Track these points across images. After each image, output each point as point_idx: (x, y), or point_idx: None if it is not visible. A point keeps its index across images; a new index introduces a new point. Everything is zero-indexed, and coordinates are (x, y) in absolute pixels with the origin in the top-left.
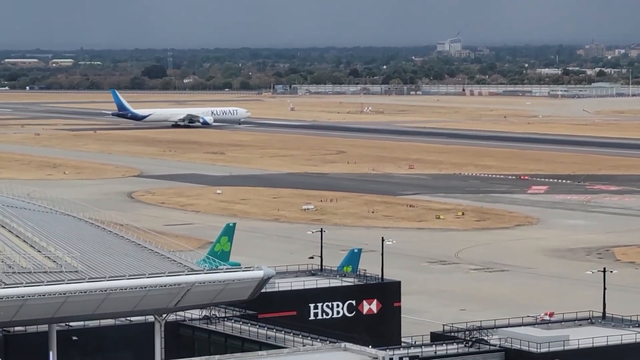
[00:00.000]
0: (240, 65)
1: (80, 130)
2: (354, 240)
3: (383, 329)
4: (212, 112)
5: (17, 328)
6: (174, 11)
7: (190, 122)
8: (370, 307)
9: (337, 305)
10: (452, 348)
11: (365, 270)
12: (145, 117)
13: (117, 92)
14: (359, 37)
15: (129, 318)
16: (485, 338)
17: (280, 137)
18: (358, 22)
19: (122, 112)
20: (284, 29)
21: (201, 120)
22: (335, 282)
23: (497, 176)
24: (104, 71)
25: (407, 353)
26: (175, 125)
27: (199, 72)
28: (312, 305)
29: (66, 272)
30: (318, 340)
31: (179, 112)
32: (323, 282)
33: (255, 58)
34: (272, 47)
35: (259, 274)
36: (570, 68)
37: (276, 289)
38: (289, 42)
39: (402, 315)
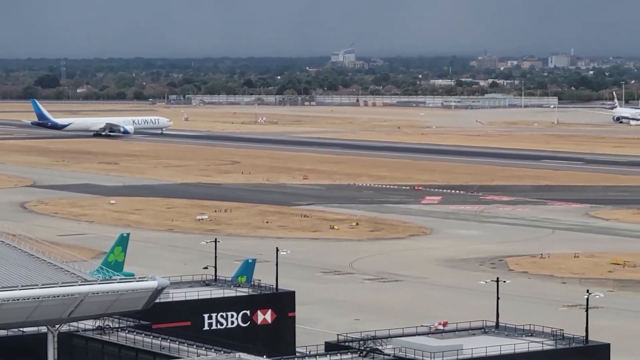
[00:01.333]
0: (134, 75)
1: None
2: (248, 251)
3: (278, 339)
4: (134, 121)
5: None
6: (67, 21)
7: (110, 131)
8: (265, 317)
9: (232, 316)
10: (347, 358)
11: (259, 280)
12: (65, 126)
13: (36, 101)
14: (253, 48)
15: (21, 329)
16: (380, 348)
17: (174, 148)
18: (252, 33)
19: (42, 121)
20: (178, 39)
21: (122, 129)
22: (230, 292)
23: (391, 186)
24: None
25: None
26: (97, 135)
27: (92, 81)
28: (206, 316)
29: None
30: (212, 350)
31: (99, 121)
32: (217, 292)
33: (149, 68)
34: (166, 57)
35: (152, 284)
36: (463, 79)
37: (170, 299)
38: (183, 52)
39: (296, 325)
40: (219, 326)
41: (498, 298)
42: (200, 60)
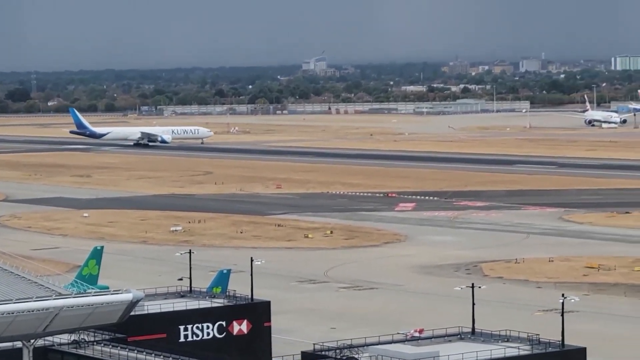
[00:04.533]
0: (105, 87)
1: None
2: (223, 261)
3: (254, 349)
4: (173, 131)
5: None
6: (37, 34)
7: (149, 140)
8: (241, 327)
9: (207, 327)
10: None
11: (234, 290)
12: (104, 135)
13: (75, 110)
14: (224, 58)
15: None
16: (356, 356)
17: (147, 159)
18: (223, 42)
19: (81, 130)
20: (149, 50)
21: (159, 139)
22: (205, 304)
23: (365, 194)
24: None
25: None
26: (137, 144)
27: (63, 94)
28: (181, 327)
29: None
30: None
31: (137, 131)
32: (192, 304)
33: (120, 79)
34: (137, 69)
35: (127, 296)
36: (434, 85)
37: (145, 312)
38: (153, 63)
39: (272, 335)
40: (194, 338)
41: (473, 304)
42: (171, 71)
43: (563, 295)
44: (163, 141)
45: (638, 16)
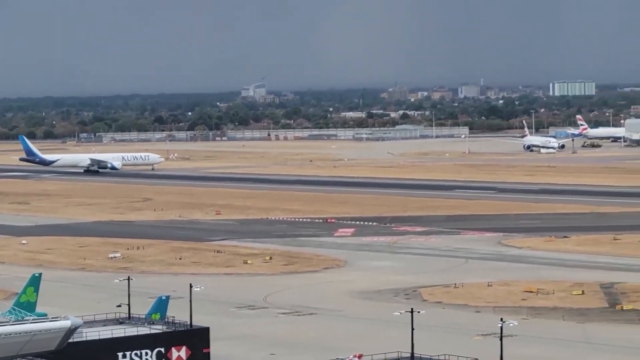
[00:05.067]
0: (43, 114)
1: None
2: (162, 288)
3: None
4: (123, 158)
5: None
6: None
7: (99, 167)
8: (179, 354)
9: (146, 353)
10: None
11: (173, 317)
12: (53, 162)
13: (24, 137)
14: (163, 84)
15: None
16: None
17: (86, 186)
18: (162, 69)
19: (30, 157)
20: (88, 77)
21: (109, 165)
22: (144, 330)
23: (304, 220)
24: None
25: None
26: (87, 171)
27: (1, 121)
28: (120, 354)
29: None
30: None
31: (87, 157)
32: (131, 330)
33: (59, 107)
34: (76, 96)
35: (66, 323)
36: (374, 111)
37: (84, 339)
38: (92, 90)
39: None
40: None
41: (413, 329)
42: (110, 98)
43: (502, 319)
44: (113, 167)
45: (576, 42)
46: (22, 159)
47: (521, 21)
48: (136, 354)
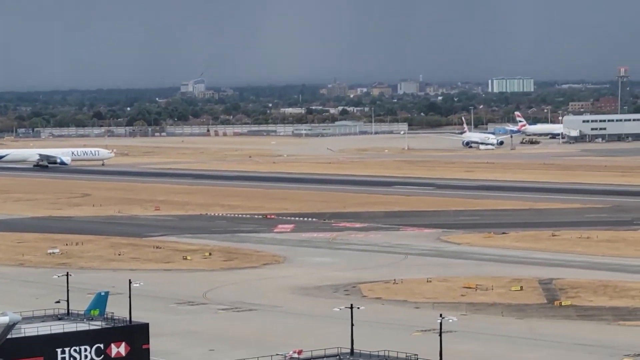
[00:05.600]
0: None
1: None
2: (101, 284)
3: None
4: (72, 153)
5: None
6: None
7: (49, 162)
8: (119, 350)
9: (85, 350)
10: None
11: (112, 313)
12: (2, 157)
13: None
14: (102, 79)
15: None
16: None
17: (24, 181)
18: (100, 64)
19: None
20: (25, 72)
21: (59, 160)
22: (83, 326)
23: (244, 216)
24: None
25: None
26: (37, 166)
27: None
28: (59, 350)
29: None
30: None
31: (35, 152)
32: (70, 326)
33: None
34: (14, 91)
35: (4, 320)
36: (313, 107)
37: (22, 335)
38: (30, 85)
39: (151, 358)
40: None
41: (352, 325)
42: (48, 93)
43: (441, 315)
44: (62, 163)
45: (514, 39)
46: None
47: (460, 17)
48: (75, 350)
